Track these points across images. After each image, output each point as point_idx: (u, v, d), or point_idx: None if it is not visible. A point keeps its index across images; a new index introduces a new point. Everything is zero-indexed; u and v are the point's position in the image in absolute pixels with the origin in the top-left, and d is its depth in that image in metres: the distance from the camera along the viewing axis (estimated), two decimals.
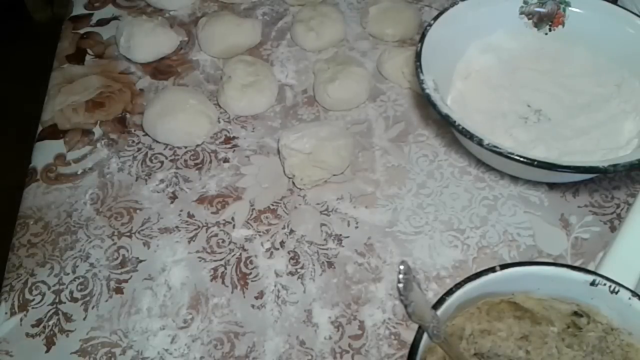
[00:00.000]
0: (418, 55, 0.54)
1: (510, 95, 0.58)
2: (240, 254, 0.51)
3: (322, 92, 0.61)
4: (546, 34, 0.62)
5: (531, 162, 0.46)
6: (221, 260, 0.51)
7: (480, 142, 0.47)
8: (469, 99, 0.58)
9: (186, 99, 0.60)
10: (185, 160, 0.58)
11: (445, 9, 0.58)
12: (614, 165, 0.46)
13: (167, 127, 0.58)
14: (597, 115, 0.56)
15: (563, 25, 0.61)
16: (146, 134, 0.60)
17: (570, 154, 0.53)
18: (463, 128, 0.48)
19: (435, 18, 0.57)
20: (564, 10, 0.60)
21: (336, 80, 0.60)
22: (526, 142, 0.54)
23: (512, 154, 0.46)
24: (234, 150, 0.59)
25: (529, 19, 0.61)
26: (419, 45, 0.54)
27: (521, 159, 0.46)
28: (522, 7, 0.61)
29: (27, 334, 0.47)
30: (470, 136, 0.48)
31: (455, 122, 0.49)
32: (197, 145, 0.59)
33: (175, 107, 0.59)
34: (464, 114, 0.54)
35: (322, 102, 0.62)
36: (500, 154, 0.47)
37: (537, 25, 0.62)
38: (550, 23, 0.61)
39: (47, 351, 0.46)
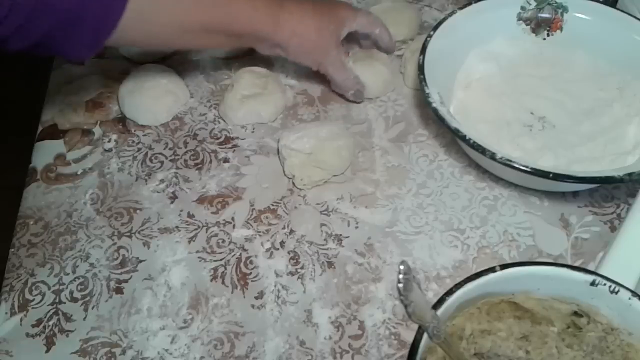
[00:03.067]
0: (421, 68, 0.53)
1: (512, 103, 0.58)
2: (240, 254, 0.51)
3: None
4: (544, 39, 0.62)
5: (546, 174, 0.46)
6: (221, 260, 0.51)
7: (493, 157, 0.47)
8: (471, 109, 0.58)
9: (157, 77, 0.61)
10: (185, 160, 0.58)
11: (444, 19, 0.58)
12: (629, 175, 0.45)
13: (133, 102, 0.60)
14: (602, 120, 0.56)
15: (561, 30, 0.61)
16: (146, 134, 0.60)
17: (578, 162, 0.52)
18: (474, 142, 0.47)
19: (435, 28, 0.57)
20: (562, 15, 0.60)
21: (350, 62, 0.61)
22: (533, 150, 0.53)
23: (527, 166, 0.46)
24: (234, 150, 0.59)
25: (527, 24, 0.61)
26: (421, 57, 0.54)
27: (537, 172, 0.46)
28: (519, 13, 0.61)
29: (27, 334, 0.47)
30: (483, 150, 0.47)
31: (465, 136, 0.48)
32: (199, 144, 0.59)
33: (145, 84, 0.60)
34: (468, 124, 0.53)
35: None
36: (514, 167, 0.46)
37: (535, 30, 0.61)
38: (548, 28, 0.61)
39: (47, 351, 0.46)
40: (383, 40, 0.63)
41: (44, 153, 0.59)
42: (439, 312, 0.33)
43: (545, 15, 0.61)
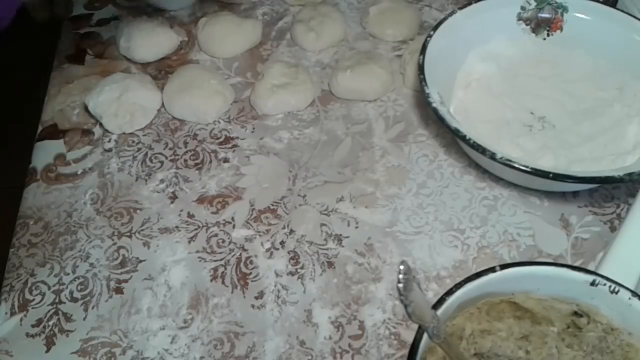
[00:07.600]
0: (421, 68, 0.53)
1: (512, 103, 0.58)
2: (240, 254, 0.51)
3: (333, 77, 0.62)
4: (544, 39, 0.62)
5: (546, 174, 0.45)
6: (221, 260, 0.51)
7: (492, 157, 0.47)
8: (471, 109, 0.58)
9: (207, 77, 0.62)
10: (185, 160, 0.58)
11: (444, 19, 0.58)
12: (629, 175, 0.45)
13: (183, 102, 0.60)
14: (601, 120, 0.56)
15: (561, 30, 0.61)
16: (146, 134, 0.60)
17: (578, 162, 0.52)
18: (474, 142, 0.47)
19: (435, 28, 0.57)
20: (562, 15, 0.60)
21: (348, 70, 0.61)
22: (533, 151, 0.53)
23: (527, 166, 0.46)
24: (234, 150, 0.59)
25: (527, 24, 0.61)
26: (421, 57, 0.54)
27: (537, 172, 0.46)
28: (519, 13, 0.61)
29: (27, 334, 0.47)
30: (483, 150, 0.47)
31: (465, 136, 0.48)
32: (199, 144, 0.59)
33: (194, 84, 0.61)
34: (468, 124, 0.53)
35: (330, 87, 0.63)
36: (514, 167, 0.46)
37: (535, 30, 0.61)
38: (548, 28, 0.61)
39: (47, 351, 0.46)
40: None
41: (44, 153, 0.59)
42: (439, 312, 0.33)
43: (545, 15, 0.61)
